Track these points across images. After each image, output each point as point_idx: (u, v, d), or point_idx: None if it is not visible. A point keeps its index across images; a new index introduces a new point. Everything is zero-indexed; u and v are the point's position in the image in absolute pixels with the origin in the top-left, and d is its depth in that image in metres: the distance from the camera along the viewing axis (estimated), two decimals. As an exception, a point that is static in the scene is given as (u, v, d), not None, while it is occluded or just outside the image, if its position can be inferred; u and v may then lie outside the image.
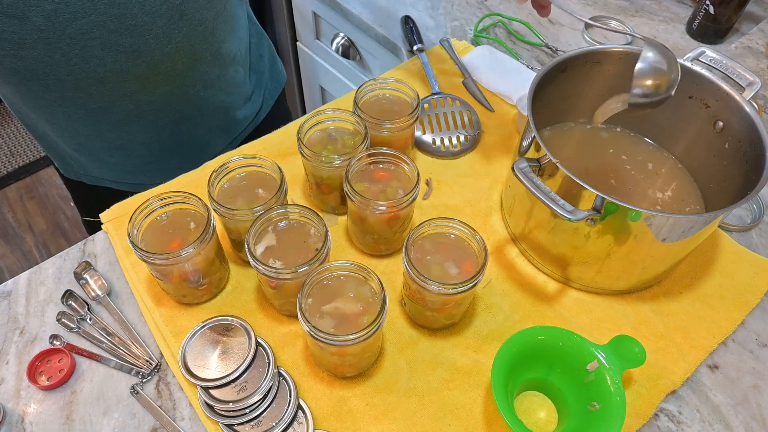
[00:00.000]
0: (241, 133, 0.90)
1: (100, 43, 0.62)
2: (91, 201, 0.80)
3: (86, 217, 0.95)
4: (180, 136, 0.81)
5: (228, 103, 0.84)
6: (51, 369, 0.58)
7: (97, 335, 0.61)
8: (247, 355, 0.55)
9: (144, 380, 0.58)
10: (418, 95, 0.71)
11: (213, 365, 0.55)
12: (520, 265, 0.67)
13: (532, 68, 0.90)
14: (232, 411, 0.53)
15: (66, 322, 0.61)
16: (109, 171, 0.83)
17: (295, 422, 0.54)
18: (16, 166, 2.15)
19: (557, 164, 0.55)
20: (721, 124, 0.64)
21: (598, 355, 0.54)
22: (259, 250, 0.57)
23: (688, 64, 0.65)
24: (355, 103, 0.69)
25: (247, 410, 0.53)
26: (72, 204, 2.04)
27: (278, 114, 0.97)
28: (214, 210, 0.59)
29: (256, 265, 0.54)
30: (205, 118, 0.82)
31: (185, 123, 0.80)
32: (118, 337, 0.61)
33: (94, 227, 0.72)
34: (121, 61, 0.65)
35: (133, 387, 0.57)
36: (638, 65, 0.57)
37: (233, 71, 0.82)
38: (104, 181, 0.84)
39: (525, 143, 0.62)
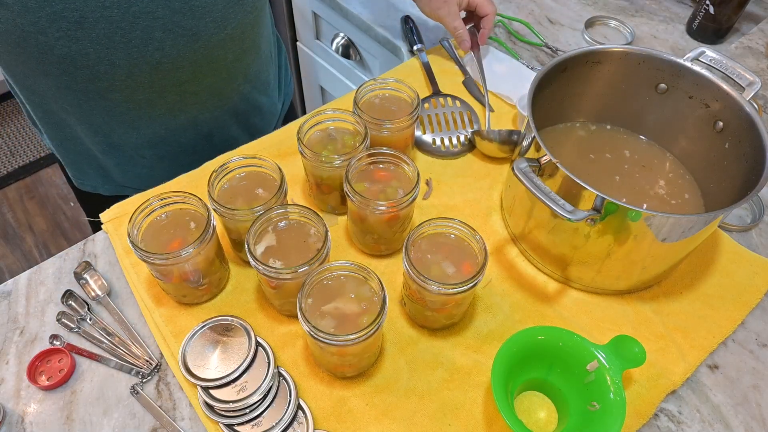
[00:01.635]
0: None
1: (162, 24, 0.62)
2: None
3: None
4: (213, 136, 0.81)
5: (260, 103, 0.86)
6: (51, 369, 0.58)
7: (97, 335, 0.61)
8: (247, 355, 0.55)
9: (144, 380, 0.58)
10: (418, 95, 0.71)
11: (213, 365, 0.55)
12: (520, 265, 0.67)
13: (532, 68, 0.90)
14: (232, 411, 0.53)
15: (66, 322, 0.61)
16: (134, 177, 0.82)
17: (295, 422, 0.54)
18: (16, 166, 2.15)
19: (557, 164, 0.55)
20: (721, 124, 0.64)
21: (598, 355, 0.54)
22: (259, 250, 0.57)
23: (688, 64, 0.65)
24: (355, 103, 0.69)
25: (247, 410, 0.53)
26: (72, 204, 2.04)
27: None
28: (214, 210, 0.59)
29: (256, 265, 0.54)
30: (240, 117, 0.83)
31: (221, 119, 0.80)
32: (118, 337, 0.61)
33: (97, 227, 0.71)
34: (179, 45, 0.65)
35: (133, 387, 0.57)
36: None
37: (266, 71, 0.84)
38: (125, 189, 0.83)
39: (525, 143, 0.62)
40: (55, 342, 0.60)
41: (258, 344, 0.56)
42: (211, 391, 0.53)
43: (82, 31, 0.59)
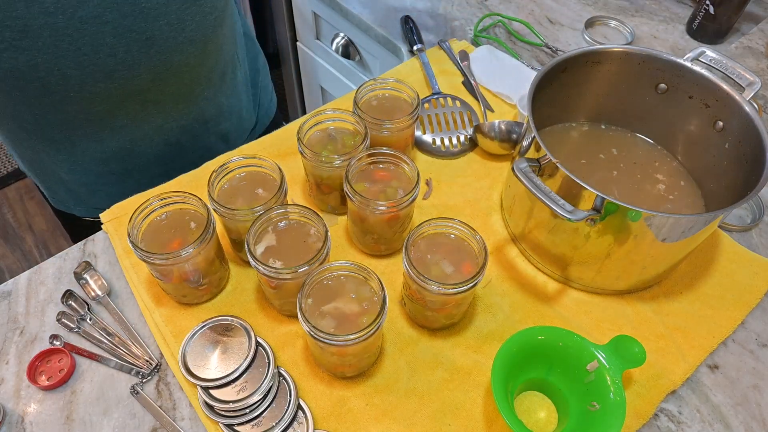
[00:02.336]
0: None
1: (112, 29, 0.60)
2: (80, 232, 0.76)
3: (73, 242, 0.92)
4: (183, 144, 0.79)
5: (227, 106, 0.83)
6: (51, 369, 0.58)
7: (97, 335, 0.61)
8: (247, 355, 0.55)
9: (144, 380, 0.58)
10: (418, 95, 0.71)
11: (213, 365, 0.55)
12: (520, 265, 0.67)
13: (532, 68, 0.90)
14: (232, 411, 0.53)
15: (66, 322, 0.61)
16: (105, 196, 0.77)
17: (295, 422, 0.54)
18: (16, 166, 2.15)
19: (557, 164, 0.55)
20: (721, 124, 0.64)
21: (598, 355, 0.54)
22: (259, 250, 0.57)
23: (688, 64, 0.65)
24: (355, 103, 0.69)
25: (247, 410, 0.53)
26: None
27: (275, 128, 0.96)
28: (214, 210, 0.59)
29: (256, 265, 0.54)
30: (210, 123, 0.81)
31: (189, 127, 0.78)
32: (118, 337, 0.61)
33: (82, 231, 0.71)
34: (133, 50, 0.63)
35: (133, 387, 0.57)
36: None
37: (231, 73, 0.82)
38: (96, 212, 0.77)
39: (525, 143, 0.62)
40: (55, 342, 0.60)
41: (258, 344, 0.56)
42: (211, 391, 0.53)
43: (27, 40, 0.57)
